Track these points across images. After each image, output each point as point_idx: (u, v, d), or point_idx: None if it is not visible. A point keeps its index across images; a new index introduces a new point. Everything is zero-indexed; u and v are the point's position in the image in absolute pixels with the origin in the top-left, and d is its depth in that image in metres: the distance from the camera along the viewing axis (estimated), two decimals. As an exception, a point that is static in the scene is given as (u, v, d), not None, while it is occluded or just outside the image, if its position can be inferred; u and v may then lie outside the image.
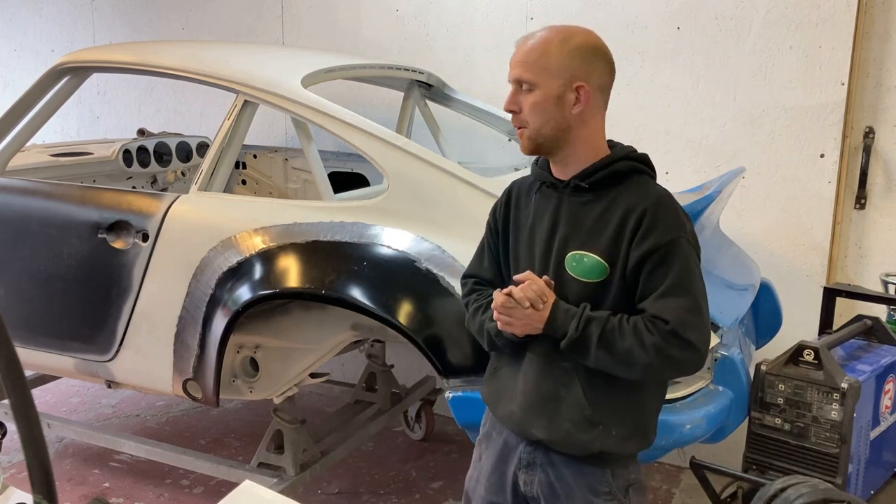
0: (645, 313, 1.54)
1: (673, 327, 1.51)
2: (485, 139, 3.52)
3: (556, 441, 1.63)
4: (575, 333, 1.54)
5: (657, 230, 1.55)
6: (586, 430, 1.60)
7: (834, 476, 2.15)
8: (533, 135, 1.60)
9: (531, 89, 1.58)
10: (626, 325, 1.54)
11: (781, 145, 3.04)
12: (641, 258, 1.54)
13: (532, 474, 1.70)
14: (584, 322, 1.54)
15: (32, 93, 2.89)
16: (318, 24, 3.94)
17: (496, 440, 1.77)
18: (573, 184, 1.62)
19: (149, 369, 2.63)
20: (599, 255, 1.58)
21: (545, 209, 1.66)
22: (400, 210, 2.32)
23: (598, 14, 3.24)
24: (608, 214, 1.59)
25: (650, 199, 1.58)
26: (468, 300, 1.79)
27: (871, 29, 2.93)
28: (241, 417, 3.83)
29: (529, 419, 1.65)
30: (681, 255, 1.56)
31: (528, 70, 1.58)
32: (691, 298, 1.54)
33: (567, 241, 1.61)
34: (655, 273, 1.54)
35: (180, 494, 3.13)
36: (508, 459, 1.74)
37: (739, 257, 2.80)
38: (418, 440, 3.59)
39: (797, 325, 2.96)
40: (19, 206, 2.79)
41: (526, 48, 1.60)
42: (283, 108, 2.52)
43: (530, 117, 1.59)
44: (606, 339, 1.53)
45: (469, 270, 1.84)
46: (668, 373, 1.67)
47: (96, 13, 4.70)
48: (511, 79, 1.60)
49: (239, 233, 2.41)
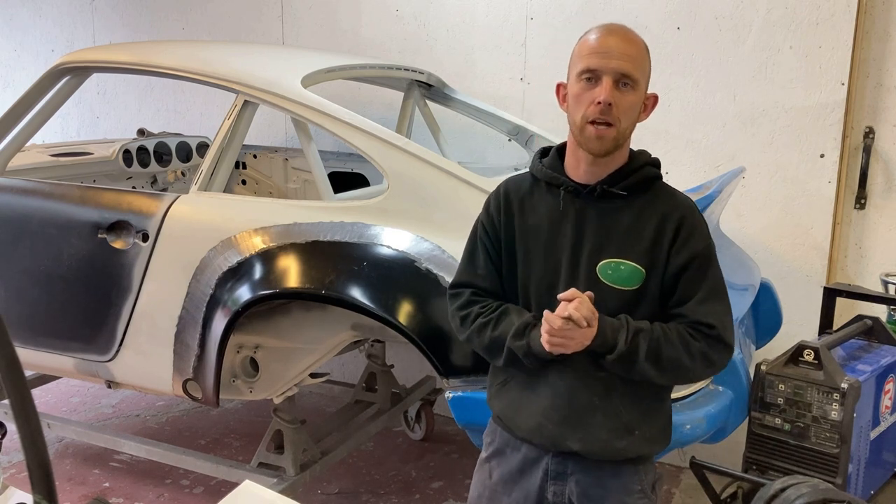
0: (684, 318, 1.55)
1: (718, 332, 1.54)
2: (485, 139, 3.52)
3: (592, 451, 1.61)
4: (624, 347, 1.51)
5: (694, 238, 1.56)
6: (622, 437, 1.60)
7: (834, 476, 2.15)
8: (619, 135, 1.52)
9: (633, 88, 1.52)
10: (671, 334, 1.53)
11: (781, 145, 3.04)
12: (683, 266, 1.55)
13: (562, 485, 1.66)
14: (633, 334, 1.52)
15: (32, 93, 2.89)
16: (318, 24, 3.94)
17: (511, 456, 1.72)
18: (601, 189, 1.56)
19: (149, 369, 2.63)
20: (636, 262, 1.55)
21: (565, 215, 1.59)
22: (400, 210, 2.32)
23: (598, 14, 3.24)
24: (642, 221, 1.56)
25: (685, 206, 1.60)
26: (468, 313, 1.67)
27: (871, 29, 2.93)
28: (241, 417, 3.83)
29: (563, 432, 1.61)
30: (714, 260, 1.59)
31: (636, 67, 1.52)
32: (727, 303, 1.59)
33: (599, 248, 1.57)
34: (695, 279, 1.55)
35: (180, 494, 3.13)
36: (531, 473, 1.69)
37: (739, 257, 2.80)
38: (418, 440, 3.59)
39: (797, 325, 2.96)
40: (19, 206, 2.79)
41: (629, 42, 1.53)
42: (283, 108, 2.52)
43: (623, 116, 1.51)
44: (654, 350, 1.52)
45: (461, 279, 1.71)
46: (703, 375, 1.66)
47: (96, 13, 4.70)
48: (611, 70, 1.49)
49: (239, 233, 2.41)
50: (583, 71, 1.52)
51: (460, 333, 1.71)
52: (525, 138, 3.25)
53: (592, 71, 1.50)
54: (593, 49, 1.52)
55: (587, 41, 1.54)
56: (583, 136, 1.53)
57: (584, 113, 1.51)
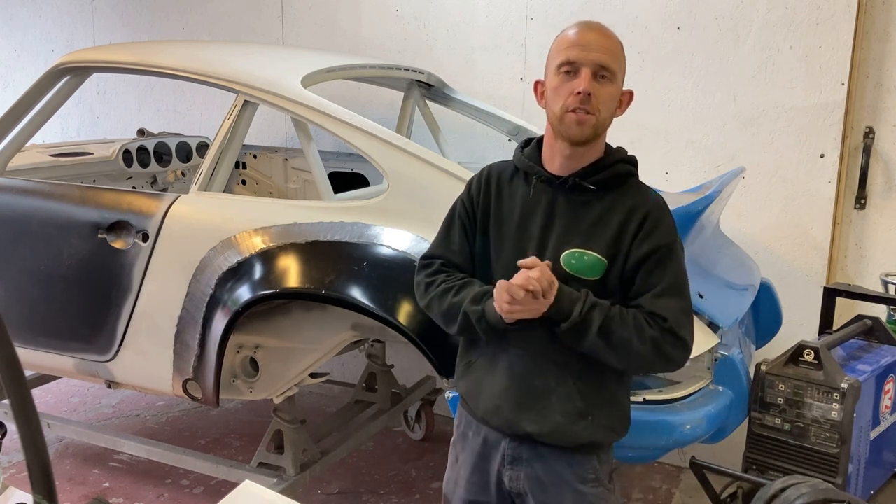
0: (641, 309, 1.58)
1: (671, 325, 1.56)
2: (485, 139, 3.52)
3: (546, 434, 1.64)
4: (578, 318, 1.54)
5: (658, 232, 1.59)
6: (576, 421, 1.63)
7: (834, 476, 2.15)
8: (598, 124, 1.57)
9: (611, 80, 1.56)
10: (627, 316, 1.56)
11: (781, 145, 3.04)
12: (642, 257, 1.58)
13: (518, 469, 1.70)
14: (588, 307, 1.54)
15: (32, 93, 2.88)
16: (318, 24, 3.94)
17: (474, 440, 1.77)
18: (573, 181, 1.61)
19: (149, 369, 2.63)
20: (599, 253, 1.59)
21: (536, 203, 1.65)
22: (400, 210, 2.32)
23: (598, 14, 3.24)
24: (609, 215, 1.60)
25: (652, 202, 1.63)
26: (433, 279, 1.71)
27: (871, 29, 2.93)
28: (241, 417, 3.83)
29: (518, 413, 1.65)
30: (677, 258, 1.62)
31: (613, 60, 1.56)
32: (685, 301, 1.61)
33: (564, 238, 1.61)
34: (654, 273, 1.58)
35: (180, 494, 3.13)
36: (490, 457, 1.73)
37: (739, 257, 2.80)
38: (418, 440, 3.59)
39: (797, 325, 2.96)
40: (19, 206, 2.79)
41: (606, 37, 1.58)
42: (283, 108, 2.52)
43: (602, 107, 1.56)
44: (607, 327, 1.54)
45: (434, 251, 1.77)
46: (657, 366, 1.68)
47: (96, 13, 4.70)
48: (590, 62, 1.54)
49: (239, 233, 2.41)
50: (562, 64, 1.56)
51: (422, 300, 1.75)
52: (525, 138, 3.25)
53: (572, 63, 1.55)
54: (573, 42, 1.57)
55: (566, 36, 1.59)
56: (563, 124, 1.57)
57: (563, 103, 1.55)
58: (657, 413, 2.07)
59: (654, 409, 2.08)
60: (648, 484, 3.21)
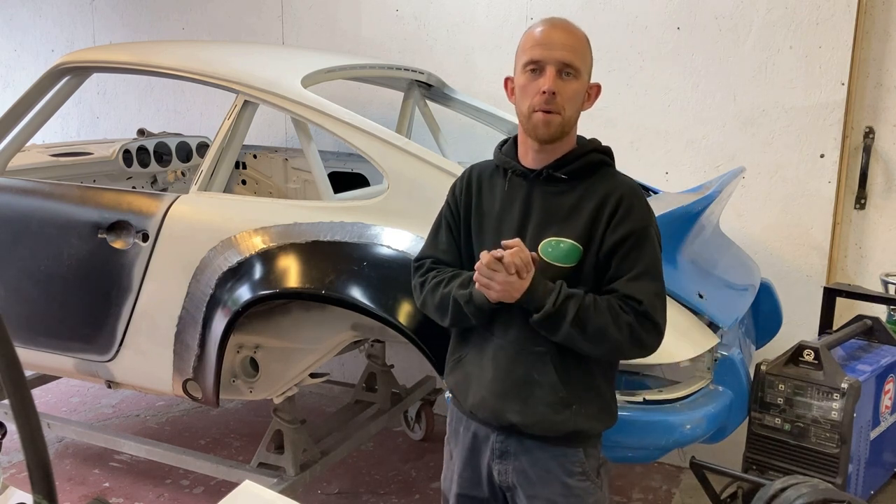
0: (615, 293, 1.60)
1: (645, 308, 1.58)
2: (485, 139, 3.51)
3: (530, 424, 1.66)
4: (552, 308, 1.56)
5: (632, 216, 1.62)
6: (560, 411, 1.65)
7: (834, 476, 2.15)
8: (565, 122, 1.60)
9: (575, 77, 1.59)
10: (601, 303, 1.58)
11: (781, 145, 3.04)
12: (617, 242, 1.61)
13: (506, 463, 1.72)
14: (563, 298, 1.57)
15: (32, 93, 2.89)
16: (318, 24, 3.94)
17: (464, 435, 1.79)
18: (546, 173, 1.65)
19: (149, 369, 2.63)
20: (574, 240, 1.62)
21: (514, 197, 1.68)
22: (400, 210, 2.32)
23: (598, 14, 3.24)
24: (583, 203, 1.63)
25: (624, 187, 1.65)
26: (425, 278, 1.76)
27: (871, 29, 2.93)
28: (241, 417, 3.83)
29: (503, 404, 1.67)
30: (651, 242, 1.64)
31: (577, 57, 1.59)
32: (660, 285, 1.64)
33: (541, 228, 1.64)
34: (628, 256, 1.61)
35: (180, 494, 3.13)
36: (480, 452, 1.75)
37: (739, 257, 2.80)
38: (418, 440, 3.60)
39: (797, 325, 2.96)
40: (19, 206, 2.79)
41: (570, 34, 1.60)
42: (283, 108, 2.52)
43: (567, 104, 1.59)
44: (581, 317, 1.56)
45: (424, 252, 1.83)
46: (630, 353, 1.68)
47: (96, 13, 4.70)
48: (554, 60, 1.57)
49: (239, 233, 2.41)
50: (527, 63, 1.60)
51: (418, 300, 1.80)
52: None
53: (536, 62, 1.59)
54: (537, 41, 1.60)
55: (531, 35, 1.62)
56: (530, 123, 1.61)
57: (530, 102, 1.60)
58: (657, 413, 2.07)
59: (654, 409, 2.08)
60: (648, 484, 3.21)
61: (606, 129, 3.16)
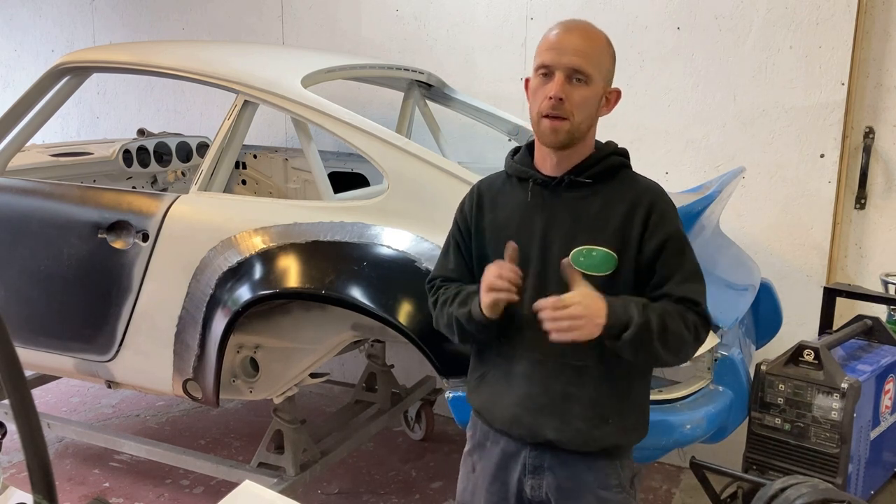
0: (669, 297, 1.56)
1: (702, 309, 1.57)
2: (485, 139, 3.52)
3: (567, 440, 1.62)
4: (640, 320, 1.48)
5: (666, 220, 1.59)
6: (598, 426, 1.61)
7: (834, 476, 2.15)
8: (573, 129, 1.55)
9: (586, 83, 1.55)
10: (669, 308, 1.54)
11: (781, 145, 3.04)
12: (659, 247, 1.57)
13: (539, 478, 1.67)
14: (642, 306, 1.50)
15: (32, 93, 2.88)
16: (318, 24, 3.94)
17: (491, 449, 1.73)
18: (568, 179, 1.60)
19: (149, 369, 2.63)
20: (608, 248, 1.57)
21: (534, 207, 1.63)
22: (400, 210, 2.32)
23: (598, 14, 3.24)
24: (609, 208, 1.59)
25: (651, 192, 1.62)
26: (436, 297, 1.73)
27: (871, 29, 2.93)
28: (241, 417, 3.83)
29: (539, 421, 1.62)
30: (687, 242, 1.62)
31: (589, 63, 1.54)
32: (705, 285, 1.61)
33: (570, 237, 1.59)
34: (673, 260, 1.58)
35: (180, 494, 3.13)
36: (509, 467, 1.70)
37: (739, 257, 2.80)
38: (418, 440, 3.59)
39: (797, 325, 2.96)
40: (19, 206, 2.79)
41: (584, 38, 1.56)
42: (283, 108, 2.52)
43: (577, 110, 1.54)
44: (662, 324, 1.51)
45: (434, 273, 1.79)
46: (691, 353, 1.64)
47: (96, 13, 4.70)
48: (563, 65, 1.53)
49: (239, 233, 2.41)
50: (539, 66, 1.57)
51: (434, 322, 1.76)
52: (525, 138, 3.25)
53: (547, 66, 1.55)
54: (550, 45, 1.57)
55: (546, 37, 1.59)
56: (539, 129, 1.58)
57: (539, 107, 1.56)
58: (657, 413, 2.06)
59: (654, 409, 2.05)
60: (648, 484, 3.21)
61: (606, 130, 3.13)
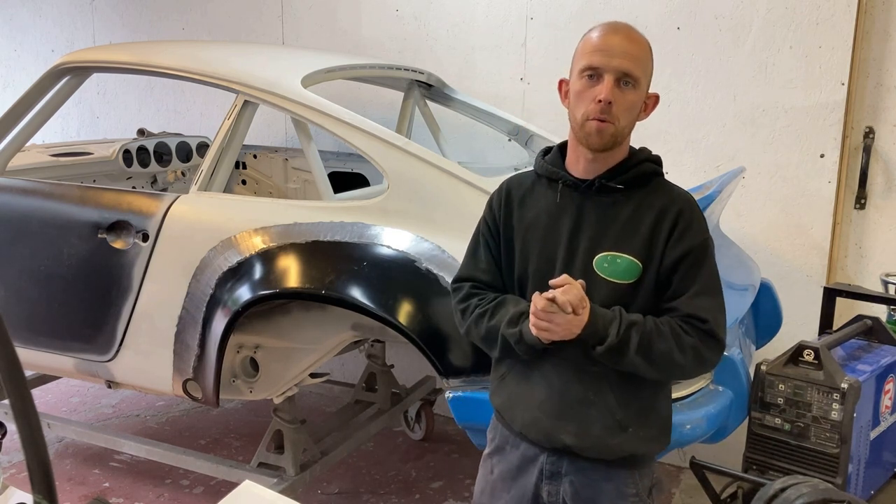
0: (676, 312, 1.54)
1: (710, 327, 1.53)
2: (485, 139, 3.52)
3: (585, 447, 1.60)
4: (615, 339, 1.50)
5: (692, 231, 1.57)
6: (616, 434, 1.59)
7: (834, 476, 2.15)
8: (617, 133, 1.53)
9: (634, 87, 1.53)
10: (663, 328, 1.52)
11: (781, 145, 3.04)
12: (679, 258, 1.55)
13: (556, 484, 1.66)
14: (625, 327, 1.50)
15: (32, 93, 2.89)
16: (318, 24, 3.94)
17: (511, 453, 1.72)
18: (599, 183, 1.57)
19: (149, 369, 2.63)
20: (633, 256, 1.55)
21: (563, 208, 1.61)
22: (400, 210, 2.32)
23: (598, 14, 3.23)
24: (639, 215, 1.57)
25: (682, 200, 1.60)
26: (467, 305, 1.69)
27: (871, 29, 2.93)
28: (241, 417, 3.83)
29: (557, 426, 1.61)
30: (710, 256, 1.59)
31: (638, 67, 1.53)
32: (721, 299, 1.58)
33: (596, 242, 1.57)
34: (690, 273, 1.55)
35: (180, 494, 3.13)
36: (528, 472, 1.69)
37: (739, 257, 2.80)
38: (418, 440, 3.59)
39: (797, 325, 2.96)
40: (19, 206, 2.79)
41: (631, 41, 1.54)
42: (283, 108, 2.52)
43: (623, 114, 1.52)
44: (646, 344, 1.51)
45: (463, 273, 1.74)
46: (694, 373, 1.64)
47: (96, 13, 4.70)
48: (613, 68, 1.50)
49: (239, 233, 2.41)
50: (585, 68, 1.53)
51: (461, 327, 1.72)
52: (525, 138, 3.25)
53: (595, 69, 1.52)
54: (596, 47, 1.53)
55: (591, 38, 1.56)
56: (583, 131, 1.55)
57: (585, 110, 1.53)
58: (657, 413, 2.07)
59: (654, 409, 2.08)
60: (648, 484, 3.21)
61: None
